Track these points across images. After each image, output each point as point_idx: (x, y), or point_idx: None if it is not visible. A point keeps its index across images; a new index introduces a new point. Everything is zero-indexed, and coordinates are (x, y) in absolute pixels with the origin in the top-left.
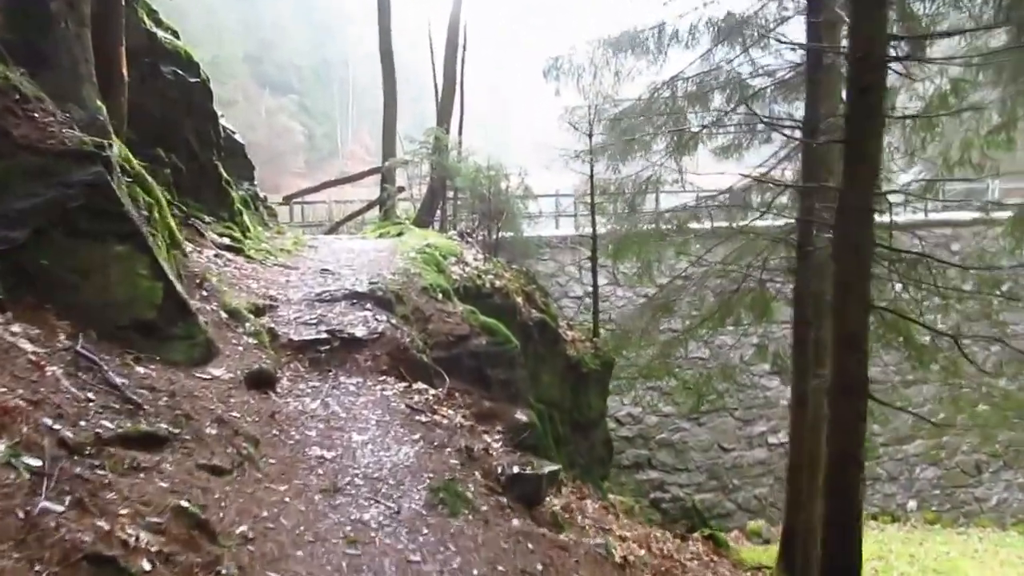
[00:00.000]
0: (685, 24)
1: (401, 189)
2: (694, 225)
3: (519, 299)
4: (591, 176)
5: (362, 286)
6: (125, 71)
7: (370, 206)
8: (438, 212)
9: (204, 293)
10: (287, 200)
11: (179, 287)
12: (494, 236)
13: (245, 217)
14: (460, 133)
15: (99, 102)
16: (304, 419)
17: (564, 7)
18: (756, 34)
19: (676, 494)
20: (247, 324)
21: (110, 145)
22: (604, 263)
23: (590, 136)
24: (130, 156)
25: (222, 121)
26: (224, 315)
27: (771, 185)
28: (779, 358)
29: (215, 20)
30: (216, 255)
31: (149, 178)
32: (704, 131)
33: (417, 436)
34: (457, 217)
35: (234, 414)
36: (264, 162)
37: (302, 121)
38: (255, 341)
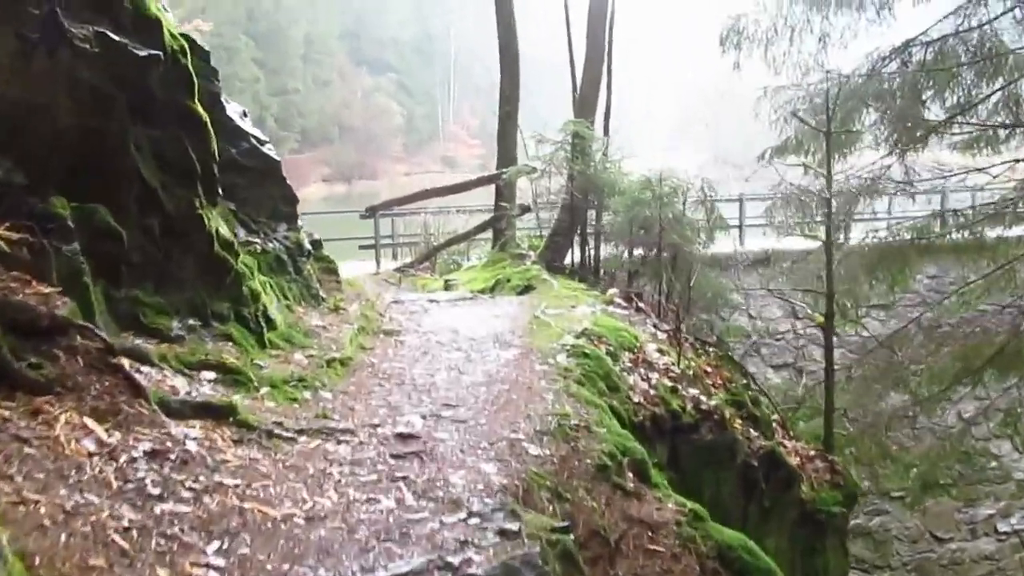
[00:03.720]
0: None
1: (526, 210)
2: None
3: (737, 423)
4: (828, 177)
5: (482, 546)
6: None
7: (479, 230)
8: (575, 240)
9: None
10: (370, 212)
11: None
12: (669, 290)
13: (265, 302)
14: (606, 130)
15: None
16: None
17: None
18: None
19: None
20: None
21: None
22: (770, 285)
23: (828, 132)
24: None
25: (241, 123)
26: None
27: None
28: None
29: None
30: (152, 452)
31: None
32: (948, 121)
33: None
34: (603, 257)
35: None
36: (360, 145)
37: (400, 101)
38: None
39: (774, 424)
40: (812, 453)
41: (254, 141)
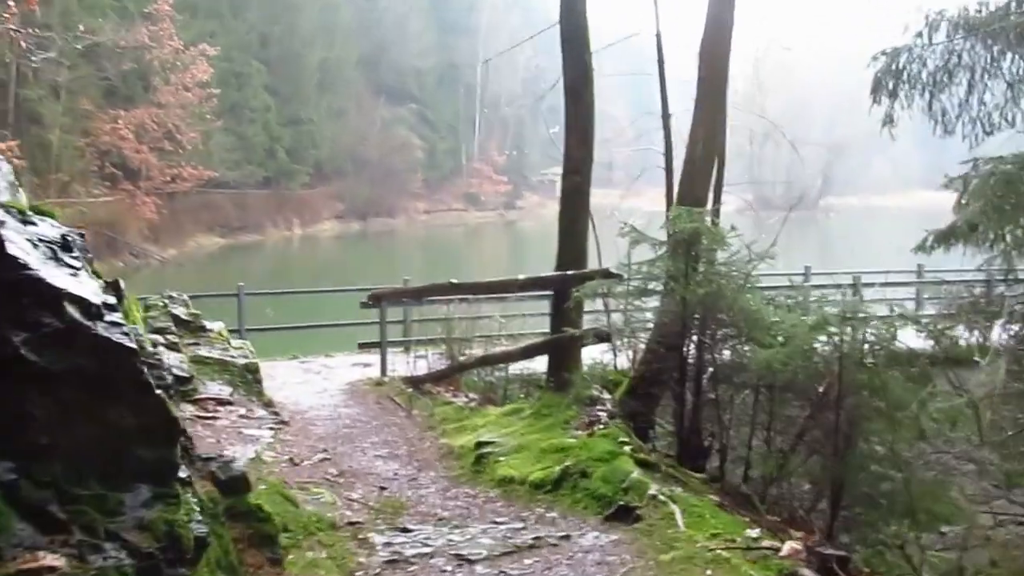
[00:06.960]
0: None
1: (603, 338)
2: None
3: None
4: None
5: None
6: None
7: (527, 354)
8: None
9: None
10: (374, 302)
11: None
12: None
13: None
14: (717, 214)
15: None
16: None
17: None
18: None
19: None
20: None
21: None
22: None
23: None
24: None
25: (44, 270)
26: None
27: None
28: None
29: (328, 18)
30: None
31: None
32: None
33: None
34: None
35: None
36: (377, 180)
37: (422, 134)
38: None
39: None
40: None
41: (75, 313)
